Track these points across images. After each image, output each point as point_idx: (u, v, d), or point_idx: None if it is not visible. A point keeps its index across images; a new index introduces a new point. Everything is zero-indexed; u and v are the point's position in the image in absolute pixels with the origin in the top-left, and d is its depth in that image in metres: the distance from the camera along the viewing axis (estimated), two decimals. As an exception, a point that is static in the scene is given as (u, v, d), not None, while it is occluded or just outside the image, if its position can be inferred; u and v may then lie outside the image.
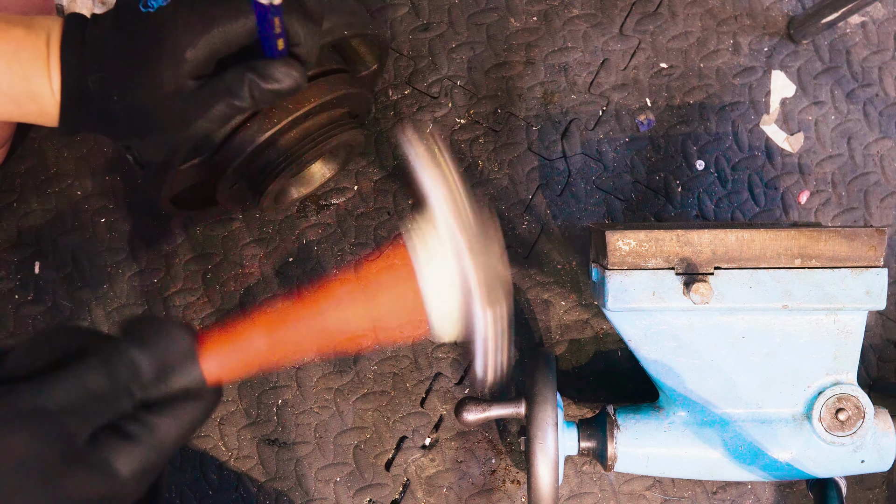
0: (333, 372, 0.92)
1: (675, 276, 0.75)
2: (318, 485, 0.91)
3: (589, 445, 0.82)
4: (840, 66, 0.97)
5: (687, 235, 0.74)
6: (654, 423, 0.80)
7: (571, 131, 0.95)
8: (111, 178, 0.94)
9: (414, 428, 0.92)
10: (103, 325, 0.92)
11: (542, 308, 0.93)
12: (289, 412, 0.92)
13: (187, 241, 0.94)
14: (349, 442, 0.92)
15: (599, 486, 0.91)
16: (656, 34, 0.97)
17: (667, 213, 0.95)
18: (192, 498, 0.91)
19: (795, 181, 0.95)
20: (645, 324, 0.77)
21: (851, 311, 0.76)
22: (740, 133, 0.96)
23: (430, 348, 0.93)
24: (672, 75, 0.96)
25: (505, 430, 0.92)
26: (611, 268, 0.75)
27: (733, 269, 0.75)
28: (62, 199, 0.94)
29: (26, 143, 0.94)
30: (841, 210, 0.95)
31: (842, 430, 0.77)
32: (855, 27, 0.97)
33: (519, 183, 0.95)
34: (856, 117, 0.96)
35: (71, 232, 0.93)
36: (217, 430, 0.92)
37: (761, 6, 0.97)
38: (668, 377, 0.79)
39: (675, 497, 0.91)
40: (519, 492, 0.91)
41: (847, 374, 0.78)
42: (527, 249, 0.94)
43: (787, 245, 0.74)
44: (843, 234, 0.74)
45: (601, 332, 0.93)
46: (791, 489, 0.91)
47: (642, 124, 0.96)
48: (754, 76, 0.96)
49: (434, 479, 0.92)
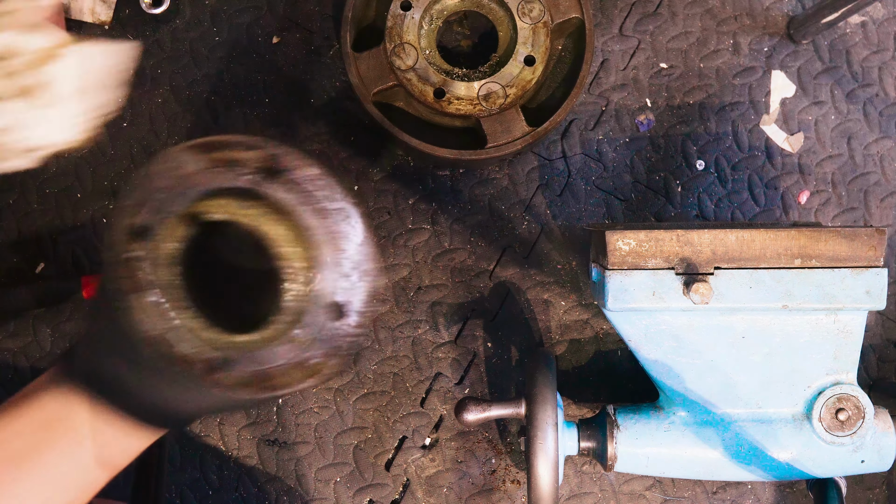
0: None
1: (675, 276, 0.75)
2: (318, 485, 0.91)
3: (589, 445, 0.82)
4: (840, 66, 0.97)
5: (687, 235, 0.74)
6: (654, 423, 0.80)
7: (571, 131, 0.95)
8: (111, 178, 0.94)
9: (414, 428, 0.92)
10: (103, 325, 0.92)
11: (542, 308, 0.93)
12: (289, 412, 0.92)
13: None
14: (349, 442, 0.92)
15: (599, 486, 0.91)
16: (656, 34, 0.97)
17: (667, 213, 0.95)
18: (192, 498, 0.91)
19: (795, 181, 0.95)
20: (645, 324, 0.77)
21: (851, 311, 0.75)
22: (740, 133, 0.96)
23: (430, 348, 0.93)
24: (672, 75, 0.96)
25: (505, 430, 0.92)
26: (611, 268, 0.75)
27: (733, 269, 0.75)
28: (62, 199, 0.94)
29: (26, 143, 0.94)
30: (841, 210, 0.95)
31: (842, 430, 0.77)
32: (855, 27, 0.97)
33: (519, 183, 0.95)
34: (856, 117, 0.96)
35: (71, 232, 0.93)
36: (217, 430, 0.92)
37: (761, 6, 0.97)
38: (668, 377, 0.79)
39: (675, 497, 0.91)
40: (519, 492, 0.91)
41: (847, 374, 0.78)
42: (527, 249, 0.94)
43: (787, 245, 0.74)
44: (843, 234, 0.74)
45: (601, 332, 0.93)
46: (791, 489, 0.91)
47: (642, 124, 0.96)
48: (754, 76, 0.96)
49: (434, 479, 0.92)
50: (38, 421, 0.57)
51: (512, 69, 0.88)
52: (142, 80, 0.95)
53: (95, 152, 0.94)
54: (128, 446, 0.59)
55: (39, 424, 0.57)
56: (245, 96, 0.95)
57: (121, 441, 0.59)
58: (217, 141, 0.50)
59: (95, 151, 0.94)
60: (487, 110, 0.87)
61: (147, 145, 0.94)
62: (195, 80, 0.95)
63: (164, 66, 0.95)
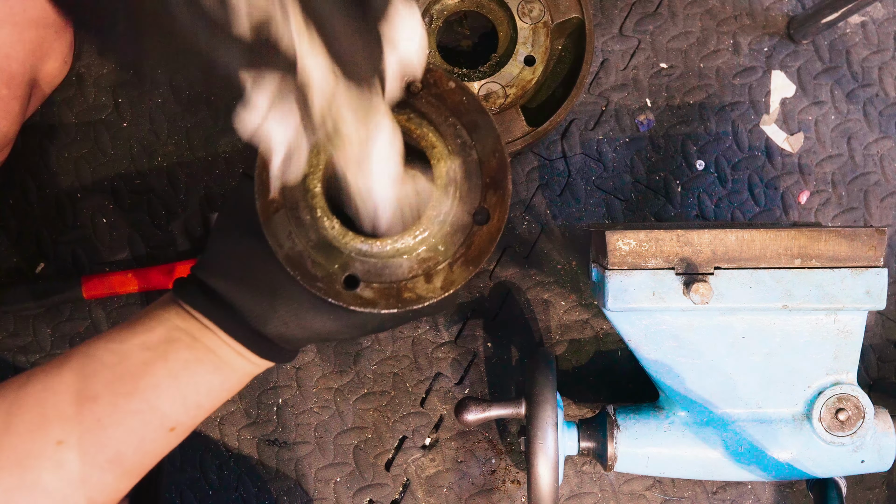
0: (333, 372, 0.92)
1: (675, 276, 0.75)
2: (318, 485, 0.91)
3: (589, 445, 0.82)
4: (840, 66, 0.97)
5: (687, 235, 0.74)
6: (654, 423, 0.80)
7: (571, 131, 0.95)
8: (111, 178, 0.94)
9: (414, 428, 0.92)
10: (103, 326, 0.92)
11: (542, 308, 0.93)
12: (289, 412, 0.92)
13: (190, 242, 0.94)
14: (349, 442, 0.92)
15: (599, 486, 0.91)
16: (656, 34, 0.97)
17: (667, 213, 0.95)
18: (192, 498, 0.91)
19: (795, 181, 0.95)
20: (645, 324, 0.77)
21: (851, 311, 0.75)
22: (740, 133, 0.96)
23: (430, 348, 0.93)
24: (672, 75, 0.96)
25: (505, 430, 0.92)
26: (611, 268, 0.75)
27: (733, 269, 0.75)
28: (62, 198, 0.94)
29: (27, 142, 0.94)
30: (841, 210, 0.95)
31: (842, 430, 0.77)
32: (855, 27, 0.97)
33: (519, 183, 0.95)
34: (856, 117, 0.96)
35: (71, 232, 0.93)
36: (217, 430, 0.92)
37: (761, 6, 0.97)
38: (668, 377, 0.79)
39: (675, 497, 0.91)
40: (519, 492, 0.91)
41: (847, 374, 0.78)
42: (527, 249, 0.94)
43: (787, 245, 0.74)
44: (843, 234, 0.74)
45: (601, 332, 0.93)
46: (791, 489, 0.91)
47: (642, 124, 0.96)
48: (754, 76, 0.96)
49: (434, 479, 0.92)
50: (157, 336, 0.59)
51: (512, 69, 0.88)
52: (142, 80, 0.95)
53: (95, 152, 0.94)
54: (242, 372, 0.61)
55: (159, 339, 0.59)
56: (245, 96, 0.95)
57: (238, 366, 0.61)
58: None
59: (95, 151, 0.94)
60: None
61: (147, 145, 0.94)
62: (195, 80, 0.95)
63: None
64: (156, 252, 0.93)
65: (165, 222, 0.94)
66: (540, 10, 0.88)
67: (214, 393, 0.60)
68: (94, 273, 0.92)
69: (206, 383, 0.59)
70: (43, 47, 0.84)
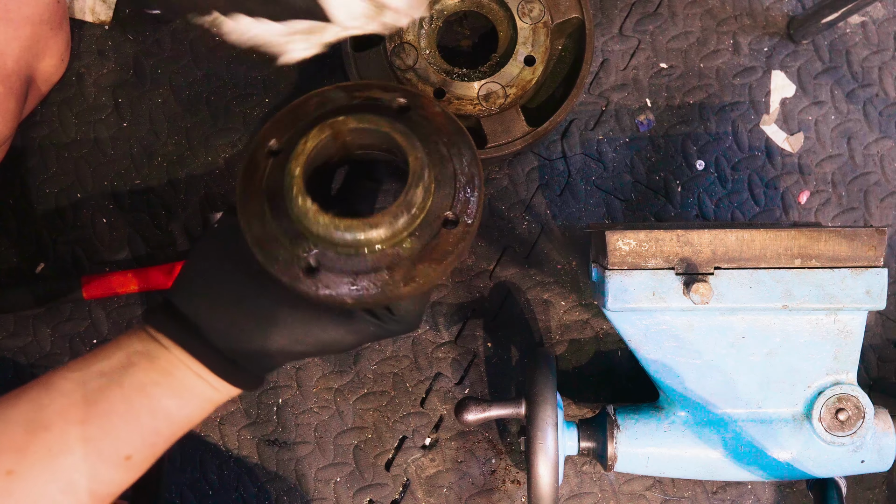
0: (333, 372, 0.92)
1: (675, 276, 0.75)
2: (318, 485, 0.91)
3: (589, 445, 0.82)
4: (840, 66, 0.97)
5: (687, 235, 0.74)
6: (654, 423, 0.81)
7: (571, 131, 0.95)
8: (111, 178, 0.94)
9: (414, 428, 0.92)
10: (103, 326, 0.92)
11: (542, 308, 0.93)
12: (289, 412, 0.92)
13: (189, 240, 0.94)
14: (349, 442, 0.92)
15: (599, 486, 0.91)
16: (656, 34, 0.97)
17: (667, 213, 0.95)
18: (192, 498, 0.91)
19: (795, 181, 0.95)
20: (645, 324, 0.77)
21: (851, 311, 0.76)
22: (740, 133, 0.96)
23: (430, 348, 0.93)
24: (672, 75, 0.96)
25: (505, 430, 0.92)
26: (611, 268, 0.75)
27: (733, 269, 0.75)
28: (62, 198, 0.94)
29: (27, 142, 0.94)
30: (841, 210, 0.95)
31: (842, 430, 0.77)
32: (855, 27, 0.97)
33: (519, 183, 0.95)
34: (856, 117, 0.96)
35: (71, 232, 0.93)
36: (217, 430, 0.92)
37: (761, 6, 0.97)
38: (668, 377, 0.79)
39: (675, 497, 0.91)
40: (519, 492, 0.91)
41: (847, 374, 0.78)
42: (527, 249, 0.94)
43: (787, 245, 0.74)
44: (843, 234, 0.74)
45: (601, 332, 0.93)
46: (791, 489, 0.91)
47: (642, 124, 0.96)
48: (754, 76, 0.96)
49: (434, 479, 0.92)
50: (115, 361, 0.58)
51: (512, 69, 0.88)
52: (142, 80, 0.95)
53: (95, 152, 0.94)
54: (202, 397, 0.61)
55: (117, 364, 0.58)
56: (245, 96, 0.95)
57: (198, 390, 0.60)
58: (359, 84, 0.62)
59: (95, 151, 0.94)
60: (487, 110, 0.87)
61: (147, 145, 0.94)
62: (195, 80, 0.95)
63: (164, 66, 0.95)
64: (156, 252, 0.93)
65: (165, 222, 0.94)
66: (540, 10, 0.88)
67: (174, 419, 0.59)
68: (94, 273, 0.92)
69: (164, 409, 0.58)
70: (39, 44, 0.83)
